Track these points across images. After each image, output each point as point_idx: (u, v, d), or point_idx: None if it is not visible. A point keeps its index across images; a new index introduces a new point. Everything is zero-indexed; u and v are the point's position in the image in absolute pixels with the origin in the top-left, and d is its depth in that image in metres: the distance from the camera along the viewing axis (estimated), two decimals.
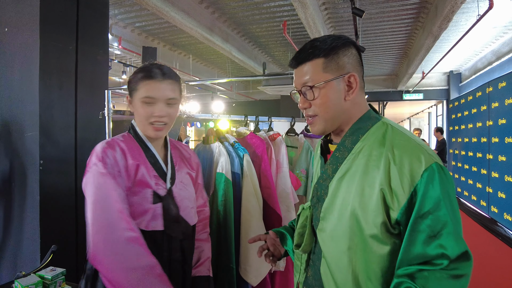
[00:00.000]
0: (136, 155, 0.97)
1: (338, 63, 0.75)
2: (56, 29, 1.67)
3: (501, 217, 4.48)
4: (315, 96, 0.76)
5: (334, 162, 0.78)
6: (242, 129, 1.64)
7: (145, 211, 0.93)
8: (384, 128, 0.75)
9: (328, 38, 0.77)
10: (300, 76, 0.77)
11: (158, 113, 0.96)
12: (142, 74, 0.97)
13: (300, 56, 0.77)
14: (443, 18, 3.83)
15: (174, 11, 3.95)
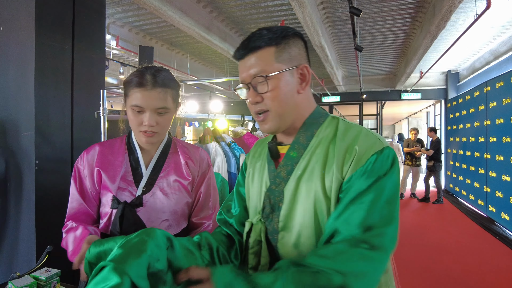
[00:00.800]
0: (110, 160, 1.01)
1: (290, 53, 0.71)
2: (52, 28, 1.65)
3: (498, 216, 4.50)
4: (268, 88, 0.69)
5: (289, 163, 0.73)
6: (239, 129, 1.63)
7: (104, 214, 0.99)
8: (336, 122, 0.74)
9: (275, 28, 0.72)
10: (250, 67, 0.70)
11: (147, 122, 0.92)
12: (134, 80, 0.94)
13: (249, 44, 0.70)
14: (441, 17, 3.83)
15: (172, 10, 3.93)
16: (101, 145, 1.04)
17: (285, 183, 0.72)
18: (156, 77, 0.94)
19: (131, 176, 0.99)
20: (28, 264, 1.56)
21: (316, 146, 0.71)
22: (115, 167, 1.00)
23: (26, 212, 1.59)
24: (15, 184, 1.65)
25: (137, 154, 1.02)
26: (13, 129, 1.66)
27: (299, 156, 0.72)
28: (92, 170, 1.00)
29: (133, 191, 0.99)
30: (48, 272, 1.08)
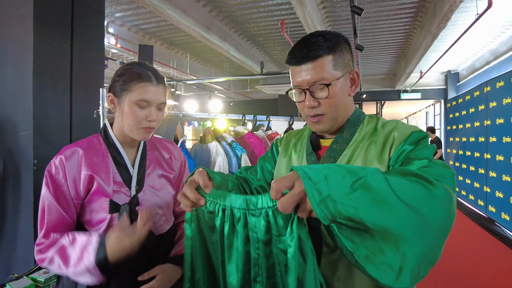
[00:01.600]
0: (97, 162, 0.93)
1: (344, 60, 0.76)
2: (51, 26, 1.63)
3: (498, 216, 4.49)
4: (327, 95, 0.74)
5: (332, 155, 0.78)
6: (240, 128, 1.61)
7: (101, 220, 0.91)
8: (375, 119, 0.82)
9: (328, 34, 0.75)
10: (308, 74, 0.74)
11: (151, 117, 0.92)
12: (137, 75, 0.92)
13: (306, 53, 0.73)
14: (442, 17, 3.82)
15: (171, 9, 3.91)
16: (81, 147, 0.94)
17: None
18: (157, 73, 0.95)
19: (119, 176, 0.95)
20: (26, 266, 1.54)
21: (360, 141, 0.78)
22: (105, 170, 0.94)
23: (24, 213, 1.57)
24: (13, 184, 1.63)
25: (121, 153, 0.97)
26: (11, 129, 1.64)
27: (342, 150, 0.78)
28: (77, 176, 0.91)
29: (126, 192, 0.95)
30: (47, 273, 1.06)
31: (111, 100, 0.94)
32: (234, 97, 11.36)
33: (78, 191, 0.91)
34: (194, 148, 1.50)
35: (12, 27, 1.65)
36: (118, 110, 0.94)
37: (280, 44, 6.53)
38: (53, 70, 1.64)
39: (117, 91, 0.93)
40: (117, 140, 0.97)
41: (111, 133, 0.97)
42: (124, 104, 0.92)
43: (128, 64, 0.96)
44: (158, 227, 0.99)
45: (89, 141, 0.96)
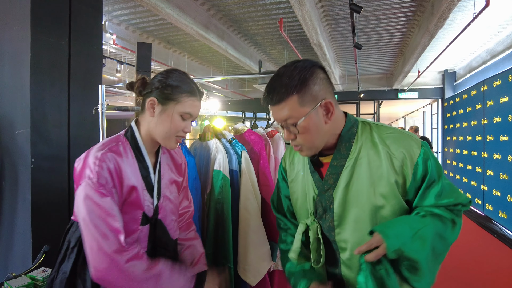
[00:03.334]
0: (131, 168, 0.91)
1: (311, 94, 0.78)
2: (48, 24, 1.62)
3: (496, 214, 4.52)
4: (298, 131, 0.79)
5: (334, 172, 0.84)
6: (240, 126, 1.61)
7: (131, 232, 0.90)
8: (368, 128, 0.85)
9: (294, 70, 0.78)
10: (279, 114, 0.79)
11: (187, 128, 0.95)
12: (188, 88, 0.94)
13: (273, 97, 0.78)
14: (440, 16, 3.84)
15: (170, 7, 3.90)
16: (117, 154, 0.89)
17: (333, 189, 0.84)
18: (198, 87, 0.99)
19: (144, 185, 0.93)
20: (24, 265, 1.53)
21: (358, 153, 0.82)
22: (137, 179, 0.92)
23: (22, 211, 1.55)
24: (10, 182, 1.62)
25: (146, 161, 0.95)
26: (9, 127, 1.62)
27: (342, 165, 0.83)
28: (121, 184, 0.88)
29: (149, 201, 0.94)
30: (45, 272, 1.05)
31: (152, 105, 0.92)
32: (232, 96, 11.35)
33: (121, 199, 0.88)
34: (193, 146, 1.49)
35: (9, 25, 1.63)
36: (159, 116, 0.92)
37: (278, 43, 6.52)
38: (51, 68, 1.63)
39: (162, 98, 0.92)
40: (143, 146, 0.95)
41: (139, 139, 0.95)
42: (168, 113, 0.92)
43: (172, 72, 0.95)
44: (173, 233, 1.02)
45: (115, 147, 0.91)
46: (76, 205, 0.85)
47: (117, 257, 0.81)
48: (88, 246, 0.81)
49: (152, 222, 0.94)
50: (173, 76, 0.93)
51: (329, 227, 0.85)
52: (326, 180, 0.85)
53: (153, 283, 0.83)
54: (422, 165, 0.78)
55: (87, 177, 0.83)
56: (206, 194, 1.38)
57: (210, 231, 1.35)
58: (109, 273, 0.80)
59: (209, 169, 1.39)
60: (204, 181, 1.39)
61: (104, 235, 0.81)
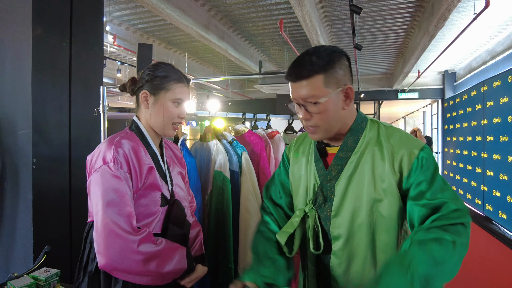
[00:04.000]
0: (144, 155, 0.96)
1: (336, 77, 0.80)
2: (49, 24, 1.63)
3: (495, 215, 4.52)
4: (318, 110, 0.80)
5: (339, 163, 0.86)
6: (240, 127, 1.61)
7: (152, 213, 0.94)
8: (376, 126, 0.88)
9: (323, 51, 0.80)
10: (301, 91, 0.80)
11: (182, 114, 1.01)
12: (175, 76, 1.00)
13: (300, 72, 0.80)
14: (440, 16, 3.84)
15: (170, 8, 3.90)
16: (129, 140, 0.96)
17: (336, 180, 0.86)
18: (185, 75, 1.05)
19: (157, 172, 0.99)
20: (25, 265, 1.53)
21: (365, 148, 0.84)
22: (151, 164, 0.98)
23: (23, 212, 1.56)
24: (11, 183, 1.62)
25: (154, 150, 1.01)
26: (10, 128, 1.63)
27: (348, 157, 0.85)
28: (140, 167, 0.93)
29: (165, 187, 1.00)
30: (48, 272, 1.06)
31: (145, 97, 0.99)
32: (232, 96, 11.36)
33: (139, 183, 0.92)
34: (194, 147, 1.50)
35: (10, 26, 1.64)
36: (153, 107, 0.99)
37: (278, 44, 6.53)
38: (52, 68, 1.63)
39: (153, 89, 0.98)
40: (149, 137, 1.01)
41: (144, 130, 1.01)
42: (161, 102, 0.98)
43: (159, 65, 1.02)
44: (188, 217, 1.08)
45: (128, 137, 0.97)
46: (91, 191, 0.88)
47: (130, 240, 0.83)
48: (99, 230, 0.83)
49: (170, 203, 0.99)
50: (160, 68, 1.00)
51: (326, 216, 0.87)
52: (330, 170, 0.87)
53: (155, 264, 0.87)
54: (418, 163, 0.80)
55: (102, 162, 0.87)
56: (206, 195, 1.39)
57: (210, 231, 1.36)
58: (119, 256, 0.82)
59: (209, 170, 1.40)
60: (204, 181, 1.40)
61: (117, 218, 0.84)
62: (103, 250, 0.82)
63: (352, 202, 0.84)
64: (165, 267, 0.89)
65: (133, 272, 0.85)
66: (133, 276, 0.85)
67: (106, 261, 0.82)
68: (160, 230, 0.97)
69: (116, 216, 0.84)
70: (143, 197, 0.93)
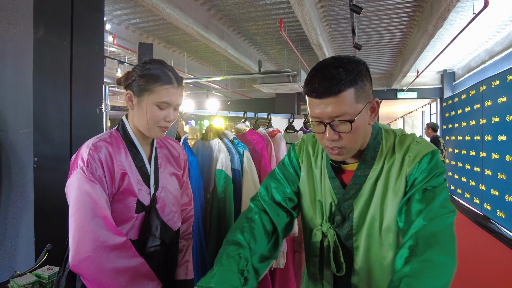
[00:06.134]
0: (123, 158, 0.93)
1: (365, 90, 0.72)
2: (50, 24, 1.63)
3: (494, 214, 4.54)
4: (350, 130, 0.71)
5: (358, 182, 0.81)
6: (241, 126, 1.62)
7: (126, 220, 0.91)
8: (392, 137, 0.82)
9: (349, 64, 0.71)
10: (329, 109, 0.70)
11: (168, 118, 0.94)
12: (160, 77, 0.92)
13: (328, 87, 0.69)
14: (439, 16, 3.86)
15: (170, 7, 3.90)
16: (107, 143, 0.92)
17: (354, 198, 0.81)
18: (176, 74, 0.97)
19: (139, 175, 0.95)
20: (27, 263, 1.54)
21: (383, 164, 0.80)
22: (130, 168, 0.94)
23: (25, 210, 1.56)
24: (13, 182, 1.62)
25: (139, 152, 0.97)
26: (11, 127, 1.63)
27: (366, 175, 0.80)
28: (113, 172, 0.89)
29: (146, 191, 0.95)
30: (51, 270, 1.06)
31: (129, 98, 0.94)
32: (231, 96, 11.35)
33: (113, 188, 0.89)
34: (196, 146, 1.51)
35: (12, 25, 1.64)
36: (137, 108, 0.94)
37: (277, 43, 6.53)
38: (53, 67, 1.64)
39: (137, 91, 0.93)
40: (136, 138, 0.97)
41: (130, 131, 0.97)
42: (144, 104, 0.92)
43: (148, 63, 0.95)
44: (173, 224, 1.03)
45: (111, 137, 0.94)
46: (67, 194, 0.87)
47: (103, 244, 0.80)
48: (73, 232, 0.81)
49: (147, 210, 0.95)
50: (147, 67, 0.94)
51: (347, 235, 0.83)
52: (348, 190, 0.82)
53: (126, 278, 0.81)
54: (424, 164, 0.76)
55: (78, 165, 0.86)
56: (208, 193, 1.39)
57: (212, 230, 1.36)
58: (91, 261, 0.79)
59: (211, 169, 1.41)
60: (206, 180, 1.41)
61: (91, 221, 0.81)
62: (74, 255, 0.80)
63: (373, 219, 0.80)
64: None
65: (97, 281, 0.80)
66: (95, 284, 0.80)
67: (77, 265, 0.79)
68: (137, 237, 0.94)
69: (89, 220, 0.81)
70: (118, 202, 0.90)
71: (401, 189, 0.77)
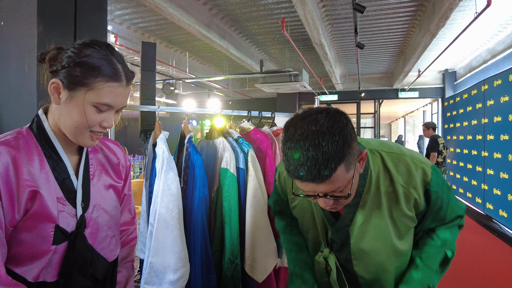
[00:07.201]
0: (36, 169, 0.68)
1: (353, 154, 0.66)
2: (54, 23, 1.63)
3: (496, 213, 4.54)
4: (345, 194, 0.70)
5: (350, 210, 0.81)
6: (245, 125, 1.62)
7: (39, 255, 0.66)
8: (379, 158, 0.81)
9: (330, 133, 0.62)
10: (323, 188, 0.66)
11: (107, 122, 0.71)
12: (105, 70, 0.68)
13: (319, 172, 0.62)
14: (441, 15, 3.85)
15: (172, 7, 3.91)
16: (11, 147, 0.66)
17: (349, 226, 0.82)
18: (126, 68, 0.73)
19: (60, 191, 0.70)
20: None
21: (375, 188, 0.80)
22: (46, 182, 0.68)
23: None
24: None
25: (62, 160, 0.72)
26: (15, 125, 1.63)
27: (357, 202, 0.80)
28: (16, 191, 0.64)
29: (71, 212, 0.71)
30: None
31: (56, 89, 0.69)
32: (233, 96, 11.36)
33: (14, 213, 0.64)
34: (200, 144, 1.51)
35: (16, 25, 1.64)
36: (65, 105, 0.69)
37: (279, 43, 6.53)
38: None
39: (69, 82, 0.68)
40: (57, 140, 0.72)
41: (49, 130, 0.72)
42: (76, 102, 0.68)
43: (89, 45, 0.70)
44: (109, 253, 0.80)
45: (18, 139, 0.69)
46: None
47: None
48: None
49: (71, 238, 0.71)
50: (87, 52, 0.68)
51: (347, 259, 0.86)
52: (342, 219, 0.83)
53: None
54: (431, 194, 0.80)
55: None
56: (213, 192, 1.39)
57: (217, 228, 1.36)
58: None
59: (216, 167, 1.41)
60: (211, 179, 1.41)
61: None
62: None
63: (371, 243, 0.82)
64: None
65: None
66: None
67: None
68: (57, 277, 0.70)
69: None
70: (26, 231, 0.65)
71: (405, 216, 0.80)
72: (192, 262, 1.24)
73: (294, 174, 0.64)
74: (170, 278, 1.15)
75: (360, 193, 0.79)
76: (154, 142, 1.36)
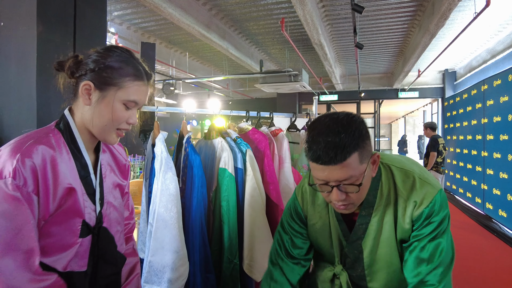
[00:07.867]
0: (69, 168, 0.73)
1: (367, 149, 0.74)
2: (53, 23, 1.64)
3: (496, 213, 4.54)
4: (357, 190, 0.74)
5: (363, 222, 0.83)
6: (244, 125, 1.63)
7: (67, 246, 0.72)
8: (389, 172, 0.83)
9: (349, 126, 0.71)
10: (337, 174, 0.71)
11: (133, 120, 0.79)
12: (133, 71, 0.77)
13: (336, 155, 0.69)
14: (440, 15, 3.85)
15: (172, 7, 3.91)
16: (42, 144, 0.70)
17: (362, 239, 0.84)
18: (146, 69, 0.81)
19: (83, 188, 0.76)
20: None
21: (386, 201, 0.82)
22: (75, 180, 0.74)
23: None
24: None
25: (85, 158, 0.77)
26: (15, 126, 1.64)
27: (370, 214, 0.83)
28: (53, 187, 0.69)
29: (91, 208, 0.77)
30: None
31: (87, 91, 0.75)
32: (232, 96, 11.37)
33: (49, 208, 0.69)
34: (198, 144, 1.52)
35: (15, 25, 1.65)
36: (97, 105, 0.75)
37: (279, 43, 6.54)
38: None
39: (100, 83, 0.74)
40: (81, 140, 0.77)
41: (76, 132, 0.77)
42: (107, 101, 0.75)
43: (113, 50, 0.78)
44: (120, 246, 0.87)
45: (48, 137, 0.73)
46: None
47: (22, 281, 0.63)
48: None
49: (95, 232, 0.77)
50: (114, 56, 0.76)
51: (360, 276, 0.86)
52: (355, 232, 0.84)
53: None
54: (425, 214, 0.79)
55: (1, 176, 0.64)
56: (211, 192, 1.40)
57: (215, 228, 1.37)
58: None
59: (214, 167, 1.42)
60: (209, 179, 1.41)
61: (9, 257, 0.62)
62: None
63: (384, 258, 0.83)
64: None
65: None
66: None
67: None
68: (86, 267, 0.76)
69: (8, 255, 0.62)
70: (56, 225, 0.70)
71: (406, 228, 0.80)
72: (191, 261, 1.25)
73: (313, 155, 0.71)
74: (169, 276, 1.16)
75: (372, 204, 0.82)
76: (153, 143, 1.36)
